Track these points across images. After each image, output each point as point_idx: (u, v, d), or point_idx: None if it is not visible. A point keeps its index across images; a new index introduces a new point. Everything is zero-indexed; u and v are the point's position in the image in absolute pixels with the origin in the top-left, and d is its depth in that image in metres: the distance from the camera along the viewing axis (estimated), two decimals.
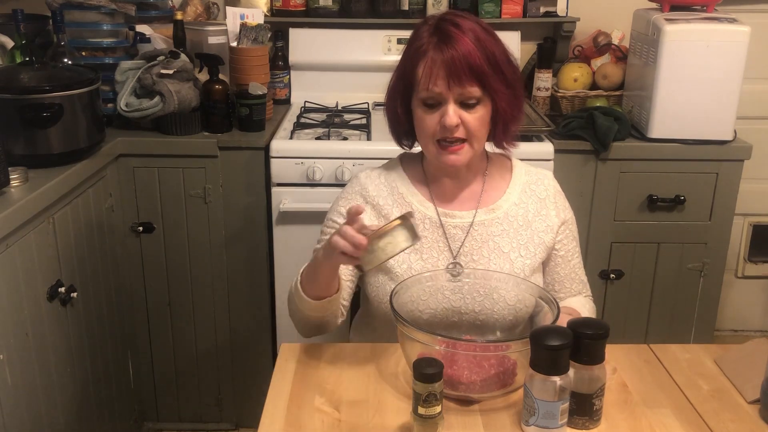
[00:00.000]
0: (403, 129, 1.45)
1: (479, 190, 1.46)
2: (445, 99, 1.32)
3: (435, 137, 1.36)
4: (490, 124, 1.38)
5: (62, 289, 1.77)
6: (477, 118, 1.33)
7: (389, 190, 1.47)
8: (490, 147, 1.48)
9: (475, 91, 1.31)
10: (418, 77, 1.34)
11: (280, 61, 2.60)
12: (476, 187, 1.47)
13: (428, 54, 1.32)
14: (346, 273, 1.44)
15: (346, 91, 2.63)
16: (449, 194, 1.46)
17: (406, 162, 1.52)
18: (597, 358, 1.11)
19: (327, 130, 2.29)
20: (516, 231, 1.44)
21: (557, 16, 2.62)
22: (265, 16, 2.52)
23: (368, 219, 1.45)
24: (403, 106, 1.40)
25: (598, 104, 2.44)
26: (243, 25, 2.31)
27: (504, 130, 1.40)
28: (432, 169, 1.47)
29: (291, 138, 2.22)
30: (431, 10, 2.59)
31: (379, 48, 2.61)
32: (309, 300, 1.32)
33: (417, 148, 1.53)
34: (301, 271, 1.36)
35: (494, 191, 1.47)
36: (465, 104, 1.33)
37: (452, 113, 1.31)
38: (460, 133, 1.34)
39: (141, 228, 2.22)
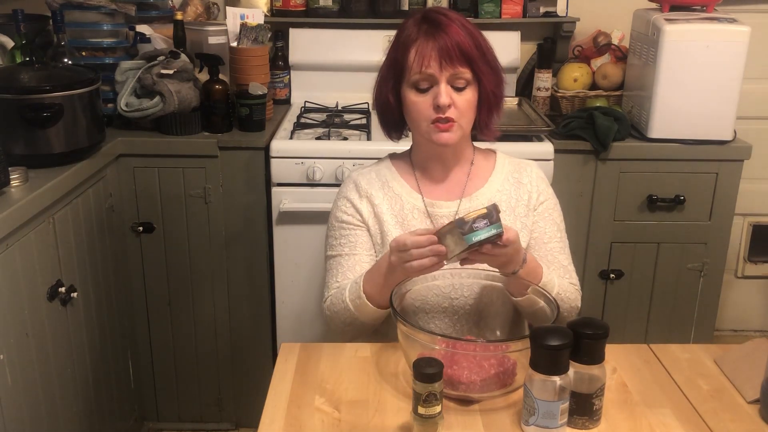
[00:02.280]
0: (394, 118, 1.50)
1: (464, 180, 1.51)
2: (437, 80, 1.38)
3: (428, 119, 1.41)
4: (476, 109, 1.44)
5: (62, 289, 1.77)
6: (466, 100, 1.40)
7: (380, 183, 1.52)
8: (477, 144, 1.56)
9: (466, 73, 1.39)
10: (410, 62, 1.40)
11: (280, 61, 2.60)
12: (462, 177, 1.52)
13: (419, 40, 1.39)
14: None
15: (346, 91, 2.63)
16: (436, 185, 1.51)
17: (395, 158, 1.58)
18: (597, 358, 1.11)
19: (327, 130, 2.29)
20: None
21: (557, 16, 2.62)
22: (265, 16, 2.51)
23: (366, 211, 1.50)
24: (394, 93, 1.46)
25: (598, 104, 2.44)
26: (243, 25, 2.31)
27: (488, 114, 1.47)
28: (421, 158, 1.52)
29: (291, 138, 2.22)
30: None
31: (379, 48, 2.61)
32: (381, 311, 1.38)
33: (405, 146, 1.58)
34: (361, 290, 1.38)
35: (478, 180, 1.52)
36: (455, 87, 1.39)
37: (445, 93, 1.38)
38: (451, 113, 1.39)
39: (141, 228, 2.22)
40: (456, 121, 1.40)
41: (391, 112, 1.48)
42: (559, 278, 1.44)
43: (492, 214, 1.21)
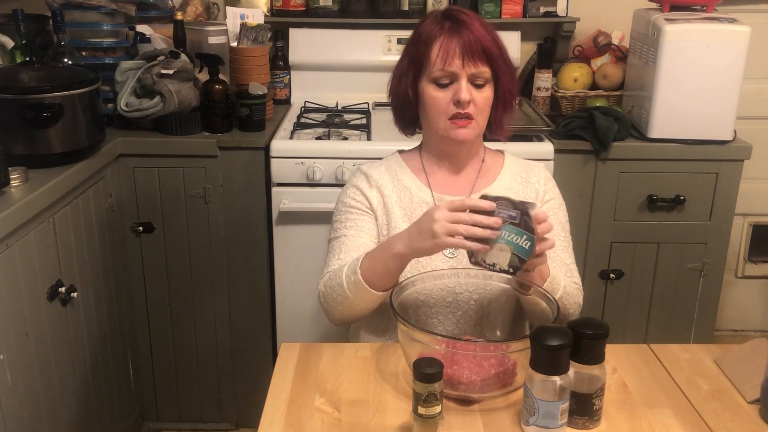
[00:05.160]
0: (411, 113, 1.51)
1: (474, 177, 1.52)
2: (458, 77, 1.40)
3: (447, 115, 1.42)
4: (492, 107, 1.46)
5: (62, 289, 1.77)
6: (484, 97, 1.42)
7: (390, 176, 1.53)
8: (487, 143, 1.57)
9: (486, 71, 1.41)
10: (432, 58, 1.41)
11: (280, 61, 2.61)
12: (472, 174, 1.53)
13: (442, 36, 1.41)
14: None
15: (346, 91, 2.63)
16: (446, 181, 1.52)
17: (404, 154, 1.59)
18: (597, 358, 1.11)
19: (327, 130, 2.29)
20: None
21: (557, 16, 2.63)
22: (265, 16, 2.52)
23: (375, 200, 1.50)
24: (413, 88, 1.46)
25: (598, 104, 2.44)
26: (243, 25, 2.31)
27: (503, 113, 1.49)
28: (432, 154, 1.53)
29: (291, 138, 2.22)
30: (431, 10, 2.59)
31: (379, 48, 2.61)
32: (377, 293, 1.35)
33: (412, 144, 1.59)
34: (358, 265, 1.35)
35: (487, 177, 1.54)
36: (474, 84, 1.41)
37: (466, 89, 1.39)
38: (470, 110, 1.41)
39: (141, 228, 2.22)
40: (473, 119, 1.42)
41: (410, 107, 1.49)
42: (563, 275, 1.44)
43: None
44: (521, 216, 1.20)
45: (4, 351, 1.53)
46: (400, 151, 1.59)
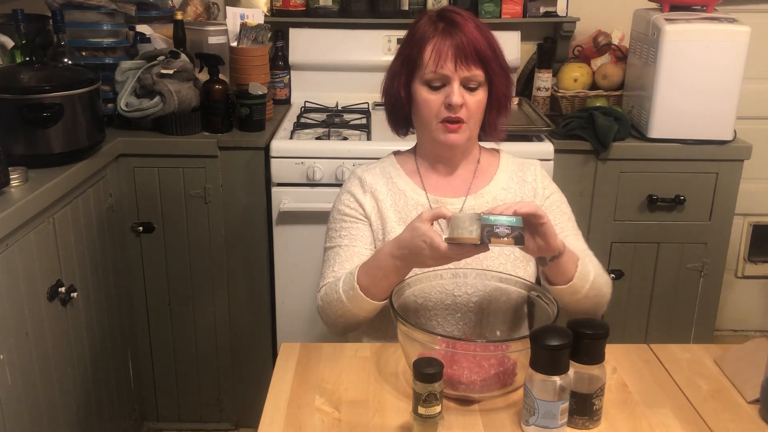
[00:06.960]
0: (403, 114, 1.50)
1: (470, 178, 1.52)
2: (450, 80, 1.39)
3: (438, 118, 1.42)
4: (485, 110, 1.45)
5: (62, 289, 1.77)
6: (477, 101, 1.41)
7: (384, 179, 1.52)
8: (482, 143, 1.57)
9: (480, 74, 1.40)
10: (425, 60, 1.40)
11: (280, 61, 2.61)
12: (468, 174, 1.52)
13: (435, 38, 1.40)
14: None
15: (346, 91, 2.63)
16: (441, 182, 1.52)
17: (399, 155, 1.58)
18: (597, 358, 1.11)
19: (327, 130, 2.29)
20: None
21: (557, 16, 2.63)
22: (265, 16, 2.52)
23: (369, 206, 1.50)
24: (406, 89, 1.46)
25: (598, 104, 2.44)
26: (243, 25, 2.31)
27: (497, 115, 1.48)
28: (427, 157, 1.53)
29: (291, 138, 2.22)
30: None
31: (379, 48, 2.61)
32: (376, 302, 1.35)
33: (409, 144, 1.58)
34: (355, 280, 1.35)
35: (483, 178, 1.53)
36: (467, 87, 1.40)
37: (458, 92, 1.38)
38: (461, 113, 1.40)
39: (141, 228, 2.22)
40: (465, 122, 1.41)
41: (402, 107, 1.48)
42: (592, 264, 1.42)
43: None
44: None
45: (4, 351, 1.54)
46: (396, 153, 1.59)
